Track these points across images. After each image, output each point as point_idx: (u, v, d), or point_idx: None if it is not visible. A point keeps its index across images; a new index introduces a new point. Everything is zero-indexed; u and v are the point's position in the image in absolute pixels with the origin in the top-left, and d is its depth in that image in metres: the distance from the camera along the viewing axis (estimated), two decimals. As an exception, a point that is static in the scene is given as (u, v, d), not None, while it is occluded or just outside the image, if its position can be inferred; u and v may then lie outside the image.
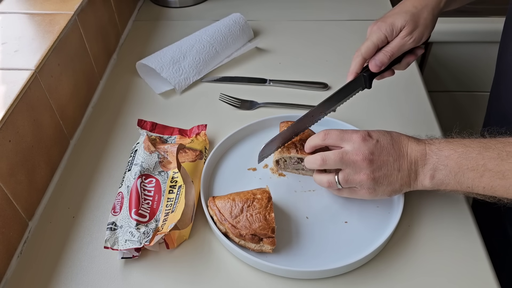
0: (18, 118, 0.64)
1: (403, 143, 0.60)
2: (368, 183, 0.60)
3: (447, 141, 0.59)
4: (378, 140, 0.60)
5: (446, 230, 0.65)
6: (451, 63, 1.16)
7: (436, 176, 0.58)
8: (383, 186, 0.60)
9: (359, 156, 0.59)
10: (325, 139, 0.63)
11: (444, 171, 0.57)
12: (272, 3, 1.16)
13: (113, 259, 0.63)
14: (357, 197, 0.63)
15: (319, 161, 0.62)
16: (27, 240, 0.66)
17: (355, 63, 0.66)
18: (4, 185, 0.61)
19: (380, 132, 0.62)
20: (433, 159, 0.58)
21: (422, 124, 0.82)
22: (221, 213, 0.63)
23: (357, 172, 0.60)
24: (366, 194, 0.62)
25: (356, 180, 0.60)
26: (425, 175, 0.59)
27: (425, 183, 0.59)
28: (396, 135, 0.62)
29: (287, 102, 0.87)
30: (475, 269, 0.61)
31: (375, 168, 0.59)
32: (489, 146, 0.56)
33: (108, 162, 0.77)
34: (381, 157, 0.59)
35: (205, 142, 0.77)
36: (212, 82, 0.93)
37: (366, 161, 0.59)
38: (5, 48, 0.72)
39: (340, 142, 0.62)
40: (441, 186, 0.59)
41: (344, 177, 0.61)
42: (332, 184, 0.63)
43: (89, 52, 0.87)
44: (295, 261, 0.61)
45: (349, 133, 0.62)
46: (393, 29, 0.64)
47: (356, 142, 0.60)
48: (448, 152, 0.58)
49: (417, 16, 0.64)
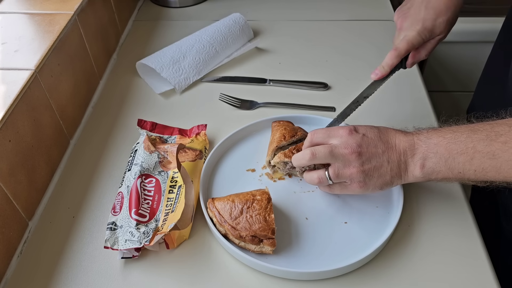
0: (18, 118, 0.64)
1: (391, 135, 0.61)
2: (358, 177, 0.60)
3: (434, 129, 0.60)
4: (365, 133, 0.61)
5: (446, 230, 0.65)
6: (451, 63, 1.16)
7: (427, 165, 0.58)
8: (373, 178, 0.60)
9: (347, 149, 0.59)
10: (312, 139, 0.63)
11: (434, 158, 0.57)
12: (272, 3, 1.16)
13: (113, 259, 0.63)
14: (349, 192, 0.63)
15: (309, 155, 0.61)
16: (27, 240, 0.66)
17: (393, 63, 0.69)
18: (4, 185, 0.61)
19: (366, 126, 0.62)
20: (422, 148, 0.58)
21: (422, 124, 0.81)
22: (220, 214, 0.63)
23: (346, 166, 0.60)
24: (357, 188, 0.62)
25: (346, 174, 0.60)
26: (415, 165, 0.59)
27: (415, 173, 0.59)
28: (383, 128, 0.62)
29: (287, 102, 0.87)
30: (475, 269, 0.61)
31: (364, 160, 0.59)
32: (477, 129, 0.56)
33: (108, 162, 0.77)
34: (369, 150, 0.60)
35: (205, 142, 0.77)
36: (212, 82, 0.93)
37: (354, 154, 0.59)
38: (5, 48, 0.72)
39: (327, 139, 0.62)
40: (432, 175, 0.59)
41: (334, 172, 0.61)
42: (322, 179, 0.62)
43: (89, 52, 0.87)
44: (295, 262, 0.61)
45: (335, 129, 0.62)
46: (432, 35, 0.69)
47: (343, 136, 0.61)
48: (437, 139, 0.58)
49: (452, 21, 0.69)
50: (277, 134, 0.73)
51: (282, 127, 0.74)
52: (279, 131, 0.73)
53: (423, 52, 0.70)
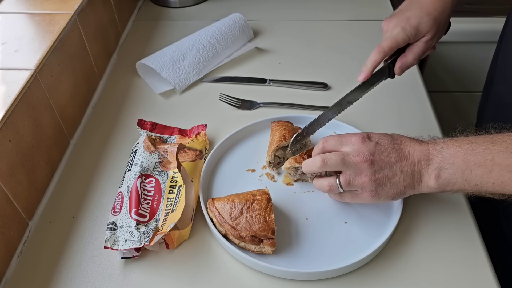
0: (18, 118, 0.64)
1: (405, 144, 0.59)
2: (370, 185, 0.59)
3: (451, 139, 0.58)
4: (378, 141, 0.59)
5: (446, 230, 0.65)
6: (451, 63, 1.16)
7: (442, 176, 0.56)
8: (385, 188, 0.59)
9: (359, 157, 0.58)
10: (323, 146, 0.62)
11: (451, 169, 0.56)
12: (272, 3, 1.16)
13: (113, 259, 0.63)
14: (360, 201, 0.62)
15: (320, 162, 0.60)
16: (27, 240, 0.66)
17: (376, 59, 0.66)
18: (4, 185, 0.61)
19: (380, 134, 0.61)
20: (437, 158, 0.57)
21: (422, 124, 0.82)
22: (220, 214, 0.63)
23: (358, 174, 0.59)
24: (368, 197, 0.60)
25: (357, 182, 0.59)
26: (430, 175, 0.57)
27: (430, 183, 0.57)
28: (397, 137, 0.61)
29: (287, 102, 0.87)
30: (475, 269, 0.61)
31: (377, 169, 0.58)
32: (496, 140, 0.54)
33: (108, 162, 0.77)
34: (382, 158, 0.58)
35: (205, 142, 0.77)
36: (212, 82, 0.93)
37: (367, 163, 0.58)
38: (5, 48, 0.72)
39: (339, 146, 0.61)
40: (447, 186, 0.57)
41: (345, 179, 0.60)
42: (333, 187, 0.61)
43: (89, 52, 0.87)
44: (295, 262, 0.61)
45: (347, 136, 0.61)
46: (418, 33, 0.66)
47: (355, 144, 0.59)
48: (454, 149, 0.56)
49: (439, 21, 0.66)
50: (277, 134, 0.73)
51: (281, 127, 0.74)
52: (279, 131, 0.73)
53: (410, 56, 0.67)
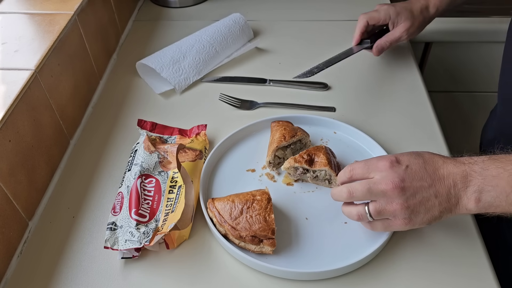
0: (18, 118, 0.64)
1: (438, 165, 0.55)
2: (402, 213, 0.55)
3: (491, 158, 0.54)
4: (408, 165, 0.55)
5: (446, 230, 0.65)
6: (451, 63, 1.16)
7: (483, 199, 0.52)
8: (420, 214, 0.55)
9: (388, 185, 0.54)
10: (351, 175, 0.59)
11: (493, 192, 0.52)
12: (272, 3, 1.16)
13: (113, 259, 0.63)
14: (393, 229, 0.59)
15: (346, 194, 0.57)
16: (27, 240, 0.66)
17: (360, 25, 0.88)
18: (4, 185, 0.61)
19: (410, 155, 0.57)
20: (477, 180, 0.53)
21: (422, 124, 0.82)
22: (220, 214, 0.63)
23: (389, 202, 0.55)
24: (401, 225, 0.56)
25: (389, 211, 0.56)
26: (469, 199, 0.53)
27: (469, 206, 0.53)
28: (428, 157, 0.56)
29: (287, 102, 0.87)
30: (475, 269, 0.61)
31: (409, 196, 0.54)
32: None
33: (108, 162, 0.77)
34: (413, 184, 0.54)
35: (205, 142, 0.77)
36: (212, 82, 0.93)
37: (397, 190, 0.54)
38: (5, 48, 0.72)
39: (367, 174, 0.57)
40: (489, 209, 0.53)
41: (375, 209, 0.56)
42: (362, 216, 0.58)
43: (89, 52, 0.87)
44: (295, 262, 0.61)
45: (374, 162, 0.57)
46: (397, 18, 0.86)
47: (383, 170, 0.56)
48: (496, 171, 0.52)
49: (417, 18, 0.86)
50: (277, 134, 0.73)
51: (281, 127, 0.74)
52: (279, 131, 0.73)
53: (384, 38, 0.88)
